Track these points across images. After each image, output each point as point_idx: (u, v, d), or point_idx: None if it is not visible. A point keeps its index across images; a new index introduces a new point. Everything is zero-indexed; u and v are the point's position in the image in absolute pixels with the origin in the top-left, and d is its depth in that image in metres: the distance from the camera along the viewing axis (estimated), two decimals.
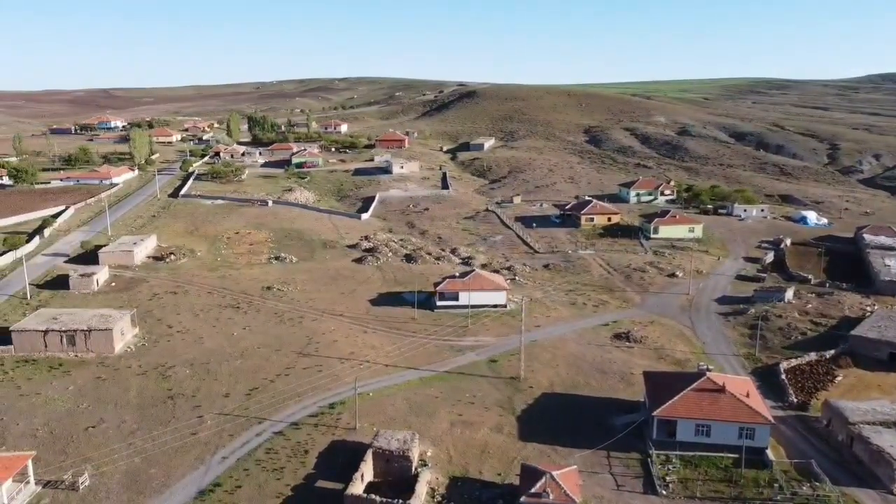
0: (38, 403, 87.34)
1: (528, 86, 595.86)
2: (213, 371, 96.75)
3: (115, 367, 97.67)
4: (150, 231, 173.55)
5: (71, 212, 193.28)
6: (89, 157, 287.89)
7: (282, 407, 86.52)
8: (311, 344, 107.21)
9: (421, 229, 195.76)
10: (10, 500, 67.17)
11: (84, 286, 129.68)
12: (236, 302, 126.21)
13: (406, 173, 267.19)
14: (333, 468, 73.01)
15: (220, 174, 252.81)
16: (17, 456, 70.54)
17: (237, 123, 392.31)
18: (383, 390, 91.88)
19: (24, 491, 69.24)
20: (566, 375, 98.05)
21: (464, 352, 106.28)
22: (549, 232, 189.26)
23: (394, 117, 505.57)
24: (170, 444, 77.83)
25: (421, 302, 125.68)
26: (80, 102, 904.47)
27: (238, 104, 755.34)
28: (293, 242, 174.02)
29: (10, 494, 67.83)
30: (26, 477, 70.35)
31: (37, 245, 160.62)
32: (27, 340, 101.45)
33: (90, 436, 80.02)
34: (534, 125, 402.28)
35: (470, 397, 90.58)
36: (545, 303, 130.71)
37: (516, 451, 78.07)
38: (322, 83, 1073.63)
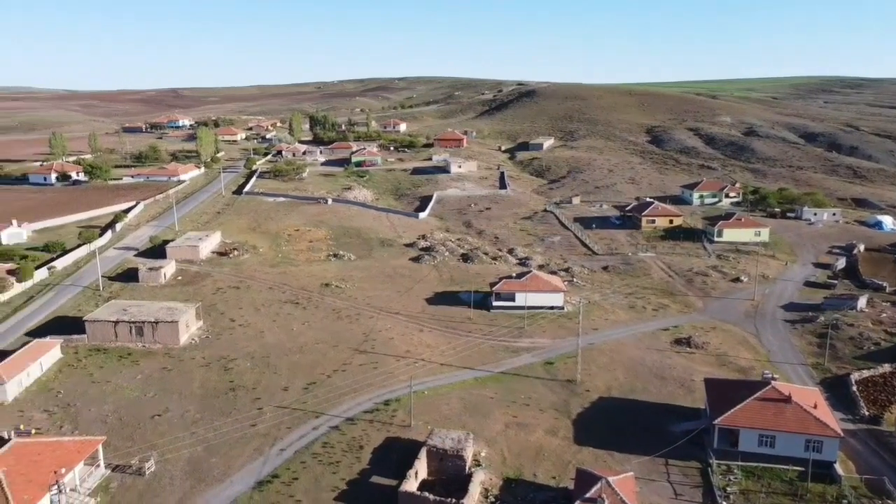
0: (108, 391, 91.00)
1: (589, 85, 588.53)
2: (272, 365, 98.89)
3: (180, 359, 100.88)
4: (215, 227, 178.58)
5: (141, 207, 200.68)
6: (158, 155, 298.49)
7: (338, 402, 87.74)
8: (367, 341, 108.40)
9: (478, 229, 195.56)
10: (81, 481, 70.16)
11: (152, 279, 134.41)
12: (296, 298, 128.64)
13: (464, 172, 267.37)
14: (388, 465, 73.61)
15: (281, 172, 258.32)
16: (89, 440, 73.61)
17: (299, 122, 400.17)
18: (438, 389, 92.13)
19: (94, 474, 72.21)
20: (624, 380, 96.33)
21: (519, 353, 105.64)
22: (609, 233, 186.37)
23: (452, 116, 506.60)
24: (230, 435, 79.90)
25: (477, 302, 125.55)
26: (150, 102, 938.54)
27: (300, 103, 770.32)
28: (351, 240, 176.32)
29: (82, 477, 70.85)
30: (97, 461, 73.37)
31: (109, 239, 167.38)
32: (99, 330, 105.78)
33: (156, 423, 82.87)
34: (594, 125, 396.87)
35: (525, 399, 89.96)
36: (603, 305, 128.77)
37: (571, 454, 77.12)
38: (382, 83, 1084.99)
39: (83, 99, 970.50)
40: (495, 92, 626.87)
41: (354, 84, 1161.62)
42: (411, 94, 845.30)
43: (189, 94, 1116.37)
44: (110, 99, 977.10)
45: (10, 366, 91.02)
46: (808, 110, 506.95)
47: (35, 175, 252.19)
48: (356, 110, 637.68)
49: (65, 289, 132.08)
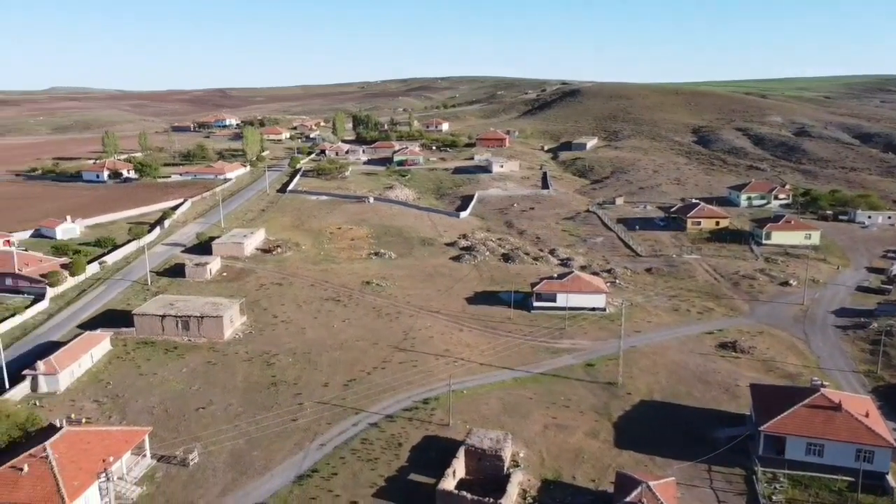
0: (154, 383, 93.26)
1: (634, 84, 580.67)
2: (313, 361, 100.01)
3: (224, 353, 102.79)
4: (259, 224, 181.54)
5: (188, 205, 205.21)
6: (206, 154, 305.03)
7: (377, 399, 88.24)
8: (407, 339, 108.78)
9: (519, 229, 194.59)
10: (128, 470, 72.06)
11: (198, 275, 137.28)
12: (337, 295, 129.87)
13: (506, 172, 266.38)
14: (426, 463, 73.69)
15: (324, 171, 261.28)
16: (136, 431, 75.56)
17: (342, 122, 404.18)
18: (477, 389, 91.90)
19: (141, 463, 74.07)
20: (666, 383, 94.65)
21: (560, 354, 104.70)
22: (653, 235, 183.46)
23: (494, 116, 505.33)
24: (272, 429, 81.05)
25: (517, 302, 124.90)
26: (198, 102, 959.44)
27: (343, 103, 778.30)
28: (392, 239, 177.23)
29: (129, 465, 72.77)
30: (143, 450, 75.26)
31: (157, 235, 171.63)
32: (147, 324, 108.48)
33: (200, 416, 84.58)
34: (639, 125, 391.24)
35: (565, 400, 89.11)
36: (646, 308, 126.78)
37: (611, 457, 76.08)
38: (424, 82, 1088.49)
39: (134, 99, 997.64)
40: (538, 91, 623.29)
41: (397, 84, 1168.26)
42: (454, 94, 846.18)
43: (236, 94, 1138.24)
44: (160, 99, 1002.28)
45: (62, 357, 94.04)
46: (864, 110, 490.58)
47: (88, 172, 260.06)
48: (399, 110, 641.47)
49: (115, 283, 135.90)
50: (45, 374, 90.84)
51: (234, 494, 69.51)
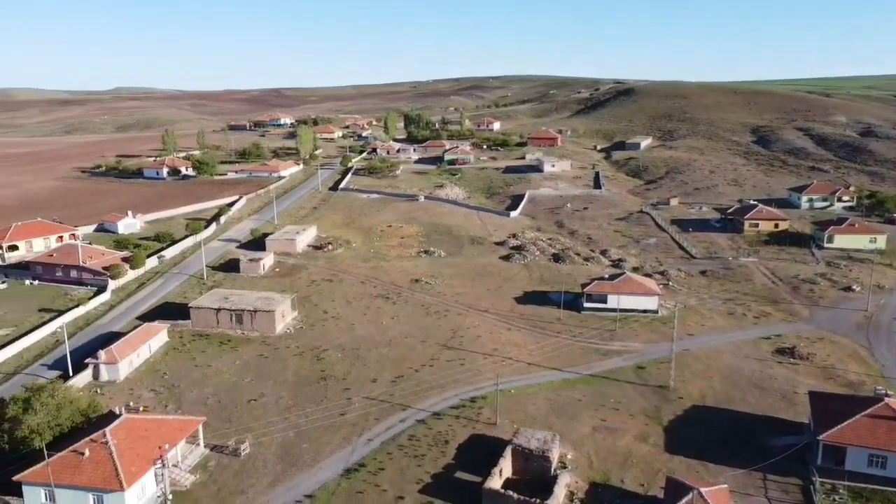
0: (209, 374, 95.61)
1: (691, 83, 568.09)
2: (362, 356, 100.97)
3: (276, 347, 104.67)
4: (311, 222, 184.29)
5: (243, 202, 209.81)
6: (261, 152, 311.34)
7: (425, 396, 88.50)
8: (455, 337, 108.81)
9: (570, 229, 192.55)
10: (182, 458, 74.04)
11: (252, 270, 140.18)
12: (386, 292, 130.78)
13: (557, 172, 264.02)
14: (472, 461, 73.52)
15: (376, 169, 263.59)
16: (191, 420, 77.60)
17: (394, 121, 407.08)
18: (525, 389, 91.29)
19: (194, 452, 76.04)
20: (720, 388, 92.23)
21: (610, 356, 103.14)
22: (708, 236, 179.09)
23: (547, 115, 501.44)
24: (321, 422, 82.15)
25: (567, 302, 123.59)
26: (254, 101, 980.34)
27: (395, 103, 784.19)
28: (442, 237, 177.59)
29: (184, 454, 74.76)
30: (197, 440, 77.23)
31: (213, 231, 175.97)
32: (202, 317, 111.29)
33: (251, 408, 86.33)
34: (695, 124, 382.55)
35: (614, 403, 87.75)
36: (700, 311, 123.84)
37: (662, 462, 74.53)
38: (476, 82, 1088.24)
39: (193, 98, 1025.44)
40: (592, 90, 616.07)
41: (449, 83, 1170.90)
42: (506, 93, 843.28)
43: (291, 93, 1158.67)
44: (218, 98, 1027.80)
45: (122, 347, 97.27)
46: None
47: (149, 170, 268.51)
48: (450, 109, 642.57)
49: (172, 276, 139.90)
50: (106, 363, 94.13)
51: (283, 485, 70.70)
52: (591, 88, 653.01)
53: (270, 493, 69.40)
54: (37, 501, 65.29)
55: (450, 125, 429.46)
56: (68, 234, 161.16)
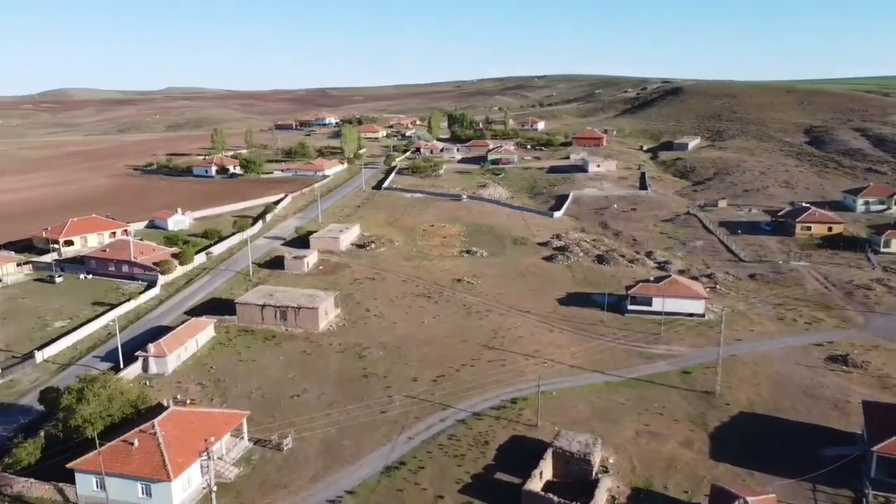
0: (253, 369, 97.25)
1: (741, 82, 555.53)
2: (403, 355, 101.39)
3: (319, 344, 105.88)
4: (355, 220, 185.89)
5: (289, 200, 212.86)
6: (306, 151, 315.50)
7: (465, 396, 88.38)
8: (496, 338, 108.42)
9: (615, 230, 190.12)
10: (227, 451, 75.43)
11: (296, 267, 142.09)
12: (428, 291, 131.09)
13: (602, 172, 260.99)
14: (513, 462, 73.12)
15: (419, 169, 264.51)
16: (236, 414, 79.01)
17: (437, 121, 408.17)
18: (567, 391, 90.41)
19: (238, 445, 77.40)
20: (768, 396, 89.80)
21: (654, 360, 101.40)
22: (758, 239, 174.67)
23: (592, 115, 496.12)
24: (362, 420, 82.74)
25: (611, 305, 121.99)
26: (300, 101, 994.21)
27: (439, 102, 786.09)
28: (484, 237, 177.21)
29: (228, 447, 76.17)
30: (241, 433, 78.59)
31: (259, 228, 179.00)
32: (248, 313, 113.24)
33: (294, 403, 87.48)
34: (745, 124, 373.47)
35: (658, 408, 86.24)
36: (748, 315, 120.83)
37: (706, 469, 72.91)
38: (520, 81, 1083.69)
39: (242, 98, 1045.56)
40: (639, 90, 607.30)
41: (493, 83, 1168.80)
42: (550, 93, 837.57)
43: (336, 93, 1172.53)
44: (265, 98, 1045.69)
45: (171, 341, 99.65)
46: None
47: (198, 168, 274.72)
48: (494, 109, 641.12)
49: (219, 273, 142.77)
50: (155, 356, 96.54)
51: (324, 481, 71.41)
52: (637, 88, 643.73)
53: (311, 489, 70.19)
54: (88, 488, 67.35)
55: (493, 125, 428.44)
56: (121, 230, 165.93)
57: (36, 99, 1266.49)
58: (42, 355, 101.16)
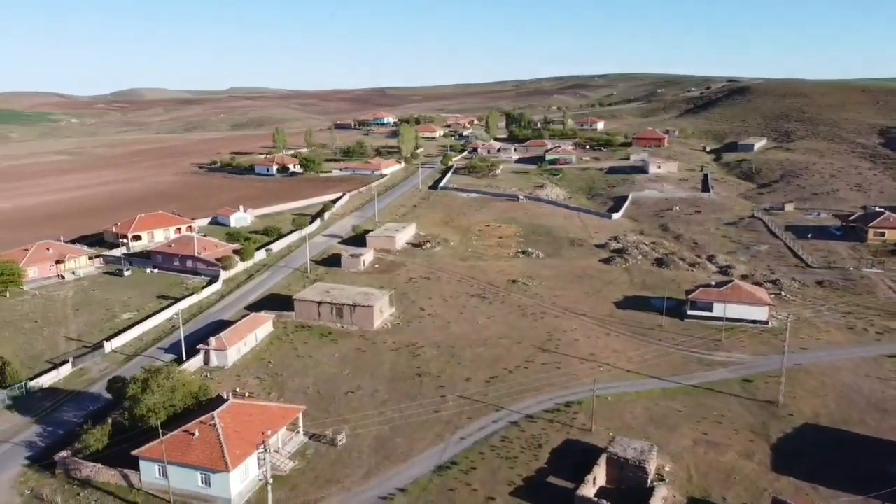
0: (309, 365, 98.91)
1: (812, 81, 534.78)
2: (457, 355, 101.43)
3: (373, 341, 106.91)
4: (411, 219, 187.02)
5: (346, 198, 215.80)
6: (364, 150, 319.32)
7: (519, 398, 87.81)
8: (551, 340, 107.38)
9: (675, 233, 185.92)
10: (283, 444, 76.92)
11: (352, 265, 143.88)
12: (482, 292, 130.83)
13: (663, 173, 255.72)
14: (565, 467, 72.28)
15: (476, 169, 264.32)
16: (292, 408, 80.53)
17: (495, 120, 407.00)
18: (622, 396, 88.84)
19: (294, 439, 78.83)
20: (835, 408, 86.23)
21: (714, 367, 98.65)
22: (827, 245, 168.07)
23: (653, 115, 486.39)
24: (414, 418, 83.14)
25: (670, 309, 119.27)
26: (359, 100, 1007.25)
27: (497, 101, 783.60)
28: (541, 238, 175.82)
29: (284, 440, 77.66)
30: (297, 427, 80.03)
31: (317, 226, 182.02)
32: (305, 309, 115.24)
33: (348, 399, 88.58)
34: (815, 125, 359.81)
35: (717, 416, 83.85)
36: (815, 324, 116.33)
37: (768, 482, 70.50)
38: (580, 80, 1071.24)
39: (302, 98, 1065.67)
40: (702, 89, 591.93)
41: (552, 82, 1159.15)
42: (611, 92, 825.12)
43: (394, 92, 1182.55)
44: (325, 98, 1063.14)
45: (231, 335, 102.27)
46: None
47: (260, 166, 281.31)
48: (552, 108, 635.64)
49: (278, 269, 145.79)
50: (216, 349, 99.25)
51: (377, 478, 72.03)
52: (701, 87, 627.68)
53: (364, 485, 70.91)
54: (151, 475, 69.69)
55: (552, 124, 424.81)
56: (186, 226, 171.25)
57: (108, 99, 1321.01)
58: (110, 346, 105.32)
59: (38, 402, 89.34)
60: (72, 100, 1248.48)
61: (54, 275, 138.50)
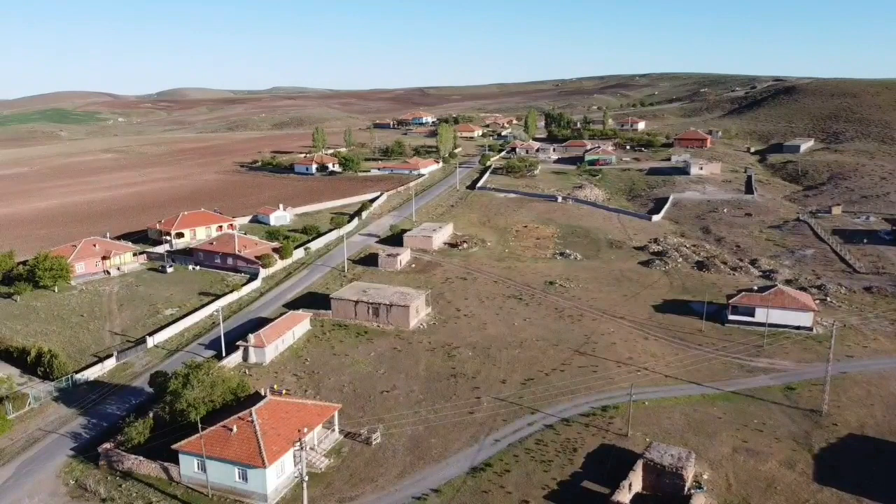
0: (346, 363, 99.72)
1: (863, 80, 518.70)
2: (492, 356, 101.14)
3: (409, 341, 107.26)
4: (448, 219, 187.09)
5: (384, 198, 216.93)
6: (402, 150, 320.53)
7: (554, 401, 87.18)
8: (588, 343, 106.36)
9: (717, 236, 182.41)
10: (319, 442, 77.71)
11: (389, 265, 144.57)
12: (519, 293, 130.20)
13: (705, 175, 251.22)
14: (601, 472, 71.55)
15: (514, 169, 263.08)
16: (328, 406, 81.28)
17: (534, 120, 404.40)
18: (660, 401, 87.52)
19: (329, 437, 79.58)
20: (883, 418, 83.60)
21: (755, 373, 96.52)
22: (876, 249, 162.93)
23: (696, 115, 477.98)
24: (449, 419, 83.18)
25: (710, 314, 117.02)
26: (399, 100, 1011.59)
27: (537, 101, 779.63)
28: (579, 240, 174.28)
29: (320, 438, 78.45)
30: (332, 425, 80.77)
31: (355, 226, 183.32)
32: (341, 308, 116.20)
33: (384, 399, 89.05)
34: (866, 125, 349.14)
35: (758, 424, 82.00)
36: (862, 331, 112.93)
37: (810, 493, 68.71)
38: (622, 80, 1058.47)
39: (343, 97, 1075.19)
40: (748, 89, 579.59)
41: (593, 81, 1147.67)
42: (653, 92, 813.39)
43: (434, 92, 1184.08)
44: (365, 98, 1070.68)
45: (269, 332, 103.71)
46: None
47: (299, 165, 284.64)
48: (593, 108, 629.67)
49: (317, 268, 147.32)
50: (255, 346, 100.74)
51: (411, 477, 72.30)
52: (746, 86, 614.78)
53: (398, 484, 71.19)
54: (190, 469, 71.09)
55: (592, 124, 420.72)
56: (227, 224, 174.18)
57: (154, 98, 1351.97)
58: (153, 341, 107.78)
59: (84, 395, 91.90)
60: (119, 99, 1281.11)
61: (100, 270, 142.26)
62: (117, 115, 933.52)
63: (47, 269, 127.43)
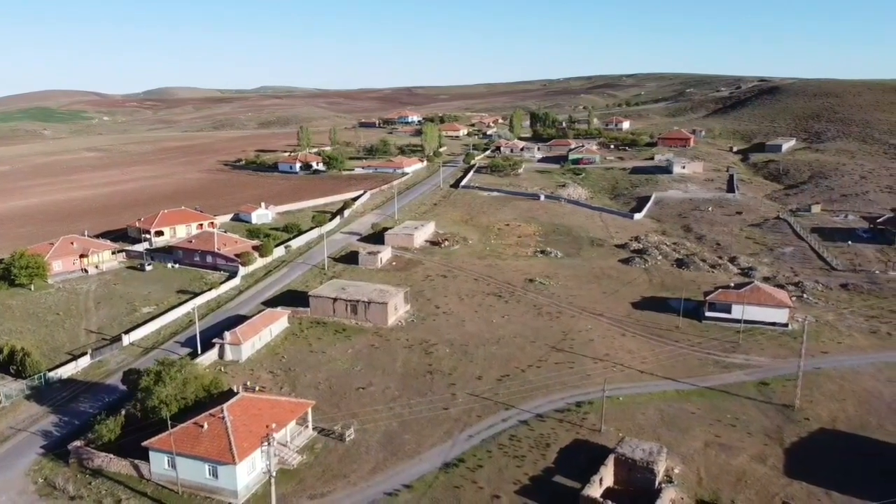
0: (323, 361, 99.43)
1: (845, 81, 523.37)
2: (469, 353, 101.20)
3: (387, 338, 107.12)
4: (431, 218, 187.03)
5: (367, 196, 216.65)
6: (387, 149, 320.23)
7: (529, 397, 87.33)
8: (565, 340, 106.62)
9: (698, 234, 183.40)
10: (291, 438, 77.40)
11: (370, 263, 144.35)
12: (499, 291, 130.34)
13: (688, 173, 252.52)
14: (573, 467, 71.71)
15: (498, 167, 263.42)
16: (302, 403, 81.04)
17: (520, 119, 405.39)
18: (635, 397, 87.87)
19: (303, 433, 79.30)
20: (854, 413, 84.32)
21: (730, 369, 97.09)
22: (854, 247, 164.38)
23: (681, 115, 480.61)
24: (424, 415, 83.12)
25: (688, 310, 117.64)
26: (386, 99, 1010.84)
27: (524, 101, 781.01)
28: (560, 238, 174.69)
29: (293, 434, 78.14)
30: (306, 422, 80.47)
31: (337, 224, 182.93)
32: (320, 305, 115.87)
33: (359, 395, 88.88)
34: (847, 125, 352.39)
35: (731, 419, 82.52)
36: (837, 327, 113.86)
37: (780, 486, 69.19)
38: (608, 80, 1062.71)
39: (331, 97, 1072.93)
40: (732, 89, 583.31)
41: (581, 81, 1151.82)
42: (639, 92, 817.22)
43: (422, 92, 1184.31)
44: (353, 97, 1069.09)
45: (246, 330, 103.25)
46: None
47: (283, 164, 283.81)
48: (579, 108, 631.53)
49: (297, 266, 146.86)
50: (231, 343, 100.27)
51: (383, 473, 72.16)
52: (731, 87, 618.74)
53: (370, 480, 71.03)
54: (161, 466, 70.61)
55: (577, 124, 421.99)
56: (207, 222, 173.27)
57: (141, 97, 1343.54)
58: (128, 339, 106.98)
59: (56, 393, 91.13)
60: (106, 98, 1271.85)
61: (78, 269, 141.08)
62: (102, 114, 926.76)
63: (23, 267, 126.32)
